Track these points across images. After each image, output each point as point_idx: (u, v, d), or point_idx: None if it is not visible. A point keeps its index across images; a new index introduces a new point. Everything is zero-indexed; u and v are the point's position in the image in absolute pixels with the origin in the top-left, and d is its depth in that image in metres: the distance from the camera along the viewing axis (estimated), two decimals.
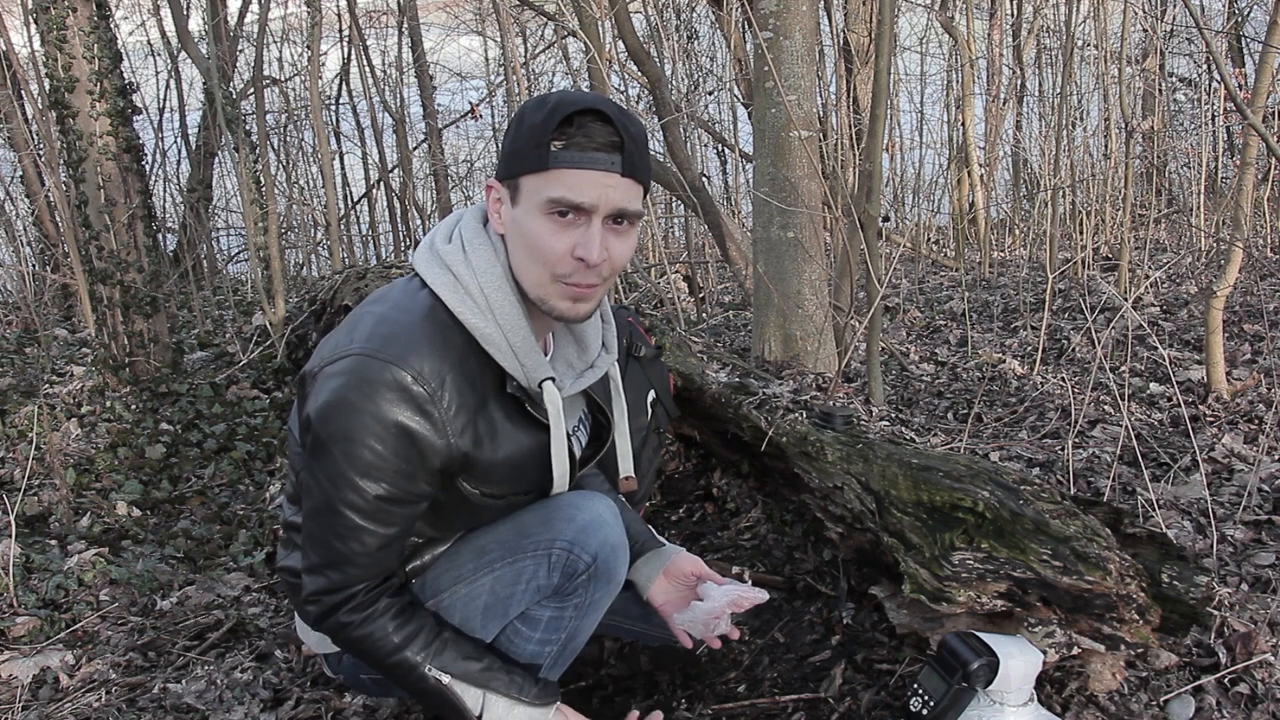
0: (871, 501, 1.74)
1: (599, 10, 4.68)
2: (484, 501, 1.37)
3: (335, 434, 1.20)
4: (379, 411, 1.19)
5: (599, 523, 1.38)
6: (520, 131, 1.23)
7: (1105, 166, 5.55)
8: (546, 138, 1.20)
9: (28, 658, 2.07)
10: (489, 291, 1.26)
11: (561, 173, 1.20)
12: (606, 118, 1.21)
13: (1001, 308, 4.45)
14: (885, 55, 2.59)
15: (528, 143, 1.21)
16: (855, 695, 1.68)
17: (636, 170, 1.24)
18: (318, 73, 4.56)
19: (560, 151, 1.20)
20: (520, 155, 1.23)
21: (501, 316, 1.27)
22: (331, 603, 1.29)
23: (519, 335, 1.28)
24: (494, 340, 1.26)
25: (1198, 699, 1.46)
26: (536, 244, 1.23)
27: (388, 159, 8.25)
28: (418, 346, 1.22)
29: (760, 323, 3.04)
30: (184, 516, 2.99)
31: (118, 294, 3.57)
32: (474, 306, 1.26)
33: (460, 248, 1.29)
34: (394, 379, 1.19)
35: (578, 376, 1.42)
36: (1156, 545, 1.55)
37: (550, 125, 1.19)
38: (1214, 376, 2.84)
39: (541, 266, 1.24)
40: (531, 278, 1.26)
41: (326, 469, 1.22)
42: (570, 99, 1.21)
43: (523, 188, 1.24)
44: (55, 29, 3.34)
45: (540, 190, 1.21)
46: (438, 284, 1.27)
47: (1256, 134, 2.52)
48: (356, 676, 1.54)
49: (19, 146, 5.74)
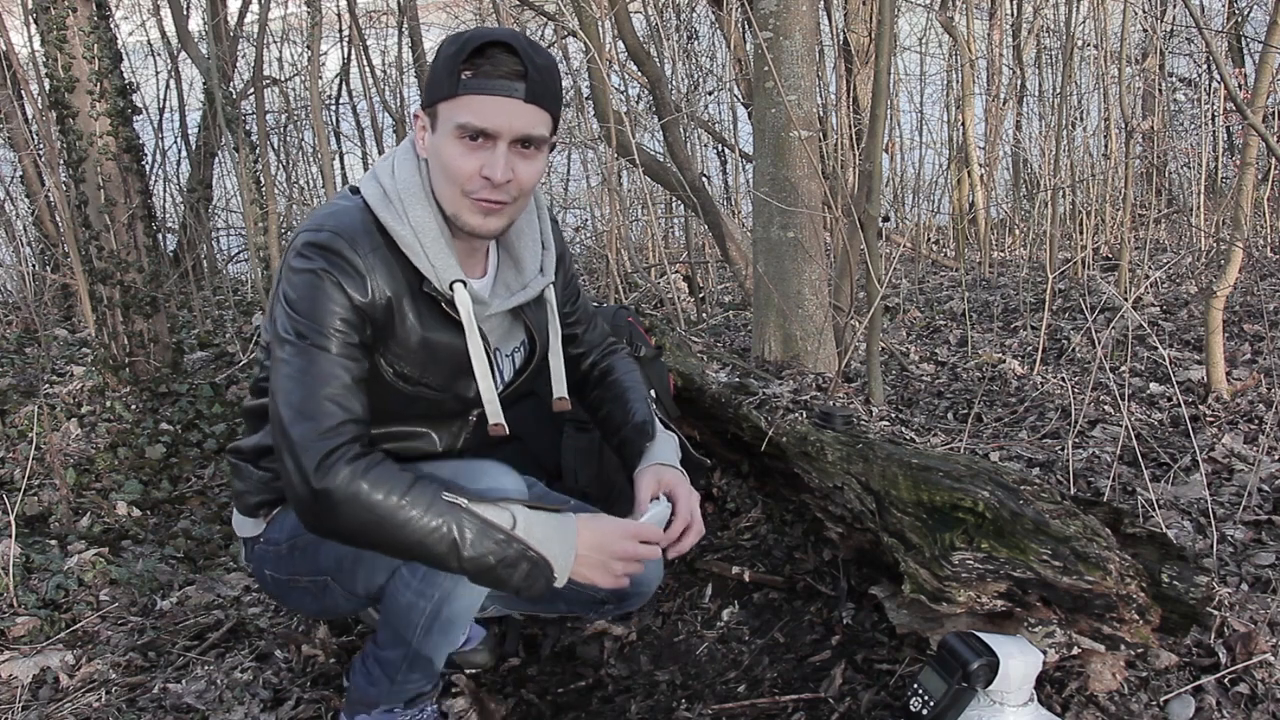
0: (871, 501, 1.74)
1: (599, 10, 4.68)
2: (395, 383, 1.44)
3: (294, 288, 1.35)
4: (325, 266, 1.34)
5: (497, 491, 1.38)
6: (437, 63, 1.35)
7: (1105, 166, 5.55)
8: (457, 67, 1.31)
9: (28, 658, 2.07)
10: (405, 199, 1.39)
11: (469, 99, 1.31)
12: (513, 49, 1.31)
13: (1001, 308, 4.45)
14: (885, 55, 2.59)
15: (442, 72, 1.33)
16: (855, 695, 1.68)
17: (540, 97, 1.34)
18: (318, 73, 4.56)
19: (469, 80, 1.31)
20: (436, 84, 1.34)
21: (415, 220, 1.39)
22: (327, 447, 1.28)
23: (430, 237, 1.39)
24: (408, 241, 1.38)
25: (1198, 699, 1.46)
26: (449, 165, 1.35)
27: None
28: (354, 227, 1.38)
29: (760, 323, 3.04)
30: (184, 516, 2.99)
31: (118, 294, 3.57)
32: (393, 211, 1.39)
33: (390, 167, 1.43)
34: (332, 244, 1.34)
35: (510, 295, 1.51)
36: (1156, 545, 1.55)
37: (461, 56, 1.30)
38: (1214, 376, 2.84)
39: (453, 185, 1.37)
40: (446, 195, 1.39)
41: (293, 325, 1.34)
42: (481, 33, 1.32)
43: (439, 114, 1.35)
44: (55, 29, 3.34)
45: (452, 116, 1.33)
46: (367, 192, 1.41)
47: (1256, 134, 2.52)
48: (263, 571, 1.61)
49: (19, 146, 5.74)
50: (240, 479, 1.59)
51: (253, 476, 1.56)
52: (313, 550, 1.51)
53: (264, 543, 1.59)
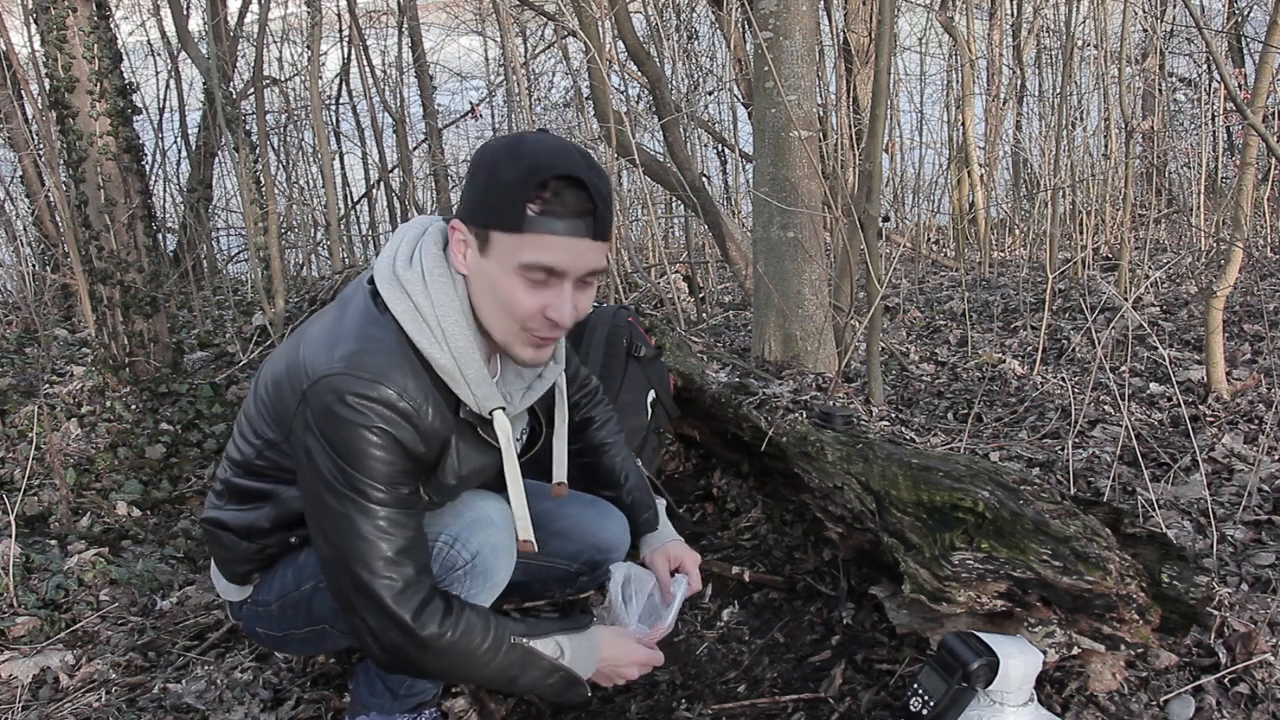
0: (871, 501, 1.74)
1: (599, 10, 4.68)
2: (430, 508, 1.43)
3: (346, 442, 1.26)
4: (379, 423, 1.26)
5: (484, 522, 1.44)
6: (494, 185, 1.25)
7: (1105, 166, 5.55)
8: (523, 200, 1.22)
9: (28, 658, 2.07)
10: (446, 325, 1.31)
11: (537, 238, 1.24)
12: (581, 183, 1.23)
13: (1001, 308, 4.45)
14: (885, 55, 2.59)
15: (503, 200, 1.24)
16: (855, 695, 1.68)
17: (605, 232, 1.29)
18: (318, 73, 4.56)
19: (536, 217, 1.23)
20: (494, 210, 1.25)
21: (457, 350, 1.31)
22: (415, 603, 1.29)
23: (473, 368, 1.33)
24: (449, 371, 1.32)
25: (1198, 699, 1.46)
26: (509, 302, 1.28)
27: (388, 159, 8.25)
28: (399, 366, 1.29)
29: (760, 323, 3.04)
30: (184, 516, 2.99)
31: (118, 294, 3.56)
32: (431, 338, 1.31)
33: (421, 276, 1.32)
34: (381, 395, 1.26)
35: (527, 388, 1.47)
36: (1156, 545, 1.55)
37: (527, 188, 1.22)
38: (1214, 376, 2.84)
39: (511, 320, 1.30)
40: (500, 327, 1.32)
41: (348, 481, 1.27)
42: (546, 160, 1.23)
43: (494, 242, 1.26)
44: (55, 29, 3.34)
45: (515, 252, 1.25)
46: (398, 310, 1.31)
47: (1256, 134, 2.52)
48: (254, 629, 1.62)
49: (19, 146, 5.74)
50: (222, 548, 1.55)
51: (238, 548, 1.53)
52: (304, 605, 1.51)
53: (252, 604, 1.59)
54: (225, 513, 1.53)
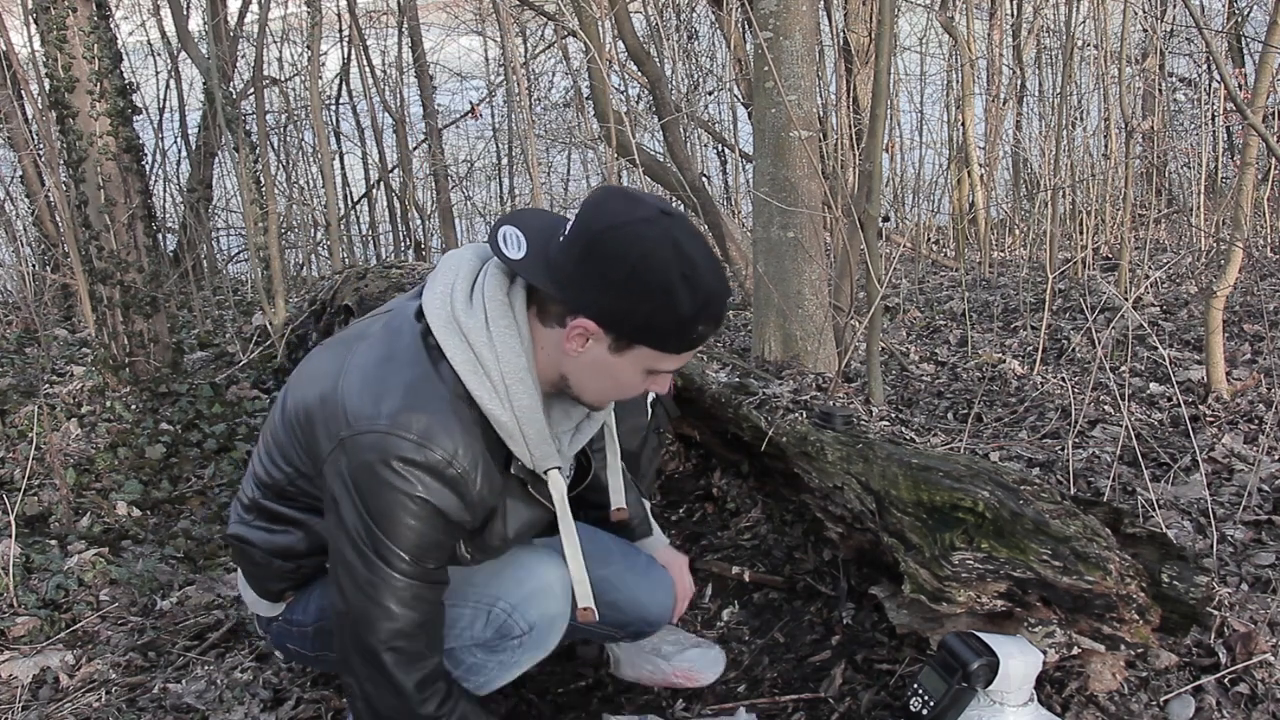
0: (871, 501, 1.74)
1: (599, 10, 4.69)
2: (470, 563, 1.40)
3: (387, 507, 1.22)
4: (416, 491, 1.21)
5: (544, 593, 1.41)
6: (670, 314, 1.20)
7: (1105, 166, 5.54)
8: (694, 330, 1.23)
9: (28, 658, 2.07)
10: (511, 383, 1.24)
11: (685, 355, 1.28)
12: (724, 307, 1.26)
13: (1001, 308, 4.45)
14: (885, 55, 2.58)
15: (675, 329, 1.23)
16: (855, 695, 1.68)
17: None
18: (318, 73, 4.57)
19: (692, 340, 1.25)
20: (656, 334, 1.23)
21: (520, 409, 1.26)
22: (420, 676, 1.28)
23: (534, 428, 1.28)
24: (508, 429, 1.27)
25: (1198, 699, 1.46)
26: (623, 385, 1.31)
27: (388, 159, 8.25)
28: (449, 428, 1.22)
29: (760, 323, 3.04)
30: (184, 516, 2.99)
31: (118, 294, 3.56)
32: (493, 394, 1.24)
33: (484, 324, 1.24)
34: (428, 460, 1.21)
35: (575, 429, 1.42)
36: (1156, 545, 1.55)
37: (700, 321, 1.22)
38: (1214, 376, 2.84)
39: (613, 396, 1.35)
40: (594, 398, 1.34)
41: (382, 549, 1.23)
42: (717, 290, 1.22)
43: (637, 351, 1.25)
44: (55, 29, 3.34)
45: (657, 362, 1.27)
46: (457, 360, 1.23)
47: (1256, 134, 2.52)
48: (284, 645, 1.59)
49: (19, 146, 5.74)
50: (253, 564, 1.51)
51: (271, 565, 1.49)
52: None
53: (284, 622, 1.55)
54: (253, 532, 1.48)
